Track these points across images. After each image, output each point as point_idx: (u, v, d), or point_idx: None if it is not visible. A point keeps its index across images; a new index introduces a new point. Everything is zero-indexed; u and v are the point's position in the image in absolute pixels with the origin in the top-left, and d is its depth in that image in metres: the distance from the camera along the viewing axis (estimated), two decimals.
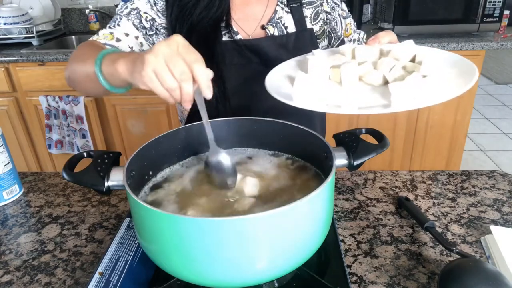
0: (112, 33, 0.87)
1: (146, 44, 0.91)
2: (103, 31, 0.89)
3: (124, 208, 0.85)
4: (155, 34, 0.91)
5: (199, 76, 0.55)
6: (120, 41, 0.87)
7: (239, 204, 0.62)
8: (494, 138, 3.24)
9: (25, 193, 0.93)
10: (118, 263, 0.64)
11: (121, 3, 0.93)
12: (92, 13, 2.56)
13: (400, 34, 2.09)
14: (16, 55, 2.04)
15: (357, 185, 0.90)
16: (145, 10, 0.90)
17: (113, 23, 0.90)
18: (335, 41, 1.07)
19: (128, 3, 0.91)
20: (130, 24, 0.89)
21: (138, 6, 0.90)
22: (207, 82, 0.56)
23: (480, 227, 0.75)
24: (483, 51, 1.94)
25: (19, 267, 0.70)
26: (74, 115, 2.11)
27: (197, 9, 0.87)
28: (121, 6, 0.92)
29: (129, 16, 0.89)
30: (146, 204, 0.51)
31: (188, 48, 0.56)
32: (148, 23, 0.90)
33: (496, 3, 1.98)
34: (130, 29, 0.89)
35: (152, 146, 0.68)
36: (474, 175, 0.92)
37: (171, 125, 2.15)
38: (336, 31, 1.05)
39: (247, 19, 0.95)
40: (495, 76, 4.64)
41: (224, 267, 0.51)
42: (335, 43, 1.07)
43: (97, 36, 0.88)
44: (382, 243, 0.71)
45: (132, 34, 0.89)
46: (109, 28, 0.89)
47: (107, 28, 0.89)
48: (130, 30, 0.89)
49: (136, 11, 0.90)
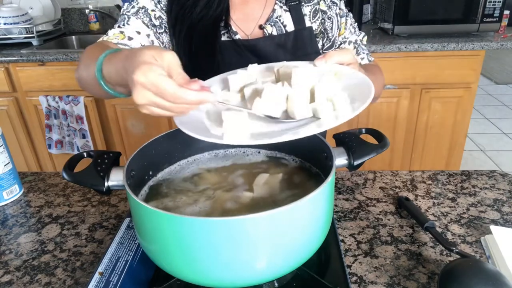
0: (123, 32, 0.86)
1: (156, 42, 0.90)
2: (113, 31, 0.86)
3: (124, 208, 0.85)
4: (165, 32, 0.90)
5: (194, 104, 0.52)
6: (132, 40, 0.85)
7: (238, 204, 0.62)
8: (494, 138, 3.24)
9: (25, 193, 0.93)
10: (118, 263, 0.64)
11: (126, 4, 0.92)
12: (92, 13, 2.56)
13: (400, 34, 2.09)
14: (16, 55, 2.04)
15: (357, 185, 0.90)
16: (152, 8, 0.89)
17: (122, 22, 0.88)
18: (327, 42, 1.03)
19: (134, 3, 0.90)
20: (140, 22, 0.87)
21: (145, 5, 0.89)
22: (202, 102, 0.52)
23: (480, 227, 0.75)
24: (483, 51, 1.94)
25: (19, 267, 0.70)
26: (74, 115, 2.11)
27: (197, 8, 0.87)
28: (126, 6, 0.91)
29: (137, 15, 0.88)
30: (146, 204, 0.51)
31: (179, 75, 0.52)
32: (157, 20, 0.89)
33: (496, 3, 1.98)
34: (140, 27, 0.87)
35: (152, 146, 0.68)
36: (474, 175, 0.92)
37: (171, 125, 2.15)
38: (328, 32, 1.02)
39: (246, 19, 0.95)
40: (495, 76, 4.64)
41: (224, 267, 0.51)
42: (326, 45, 1.04)
43: (107, 36, 0.85)
44: (382, 243, 0.71)
45: (143, 32, 0.87)
46: (118, 27, 0.87)
47: (116, 28, 0.87)
48: (141, 28, 0.87)
49: (144, 10, 0.88)
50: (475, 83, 2.00)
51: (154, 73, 0.49)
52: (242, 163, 0.74)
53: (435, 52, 1.94)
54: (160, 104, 0.51)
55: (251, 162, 0.74)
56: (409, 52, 1.94)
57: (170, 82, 0.50)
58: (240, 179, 0.69)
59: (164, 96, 0.50)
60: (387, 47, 1.92)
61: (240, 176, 0.70)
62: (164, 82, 0.49)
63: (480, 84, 4.31)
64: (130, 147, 2.24)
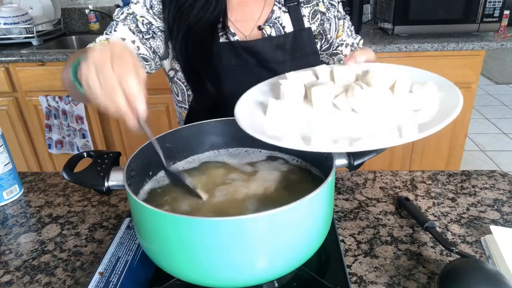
0: (108, 39, 0.88)
1: (143, 47, 0.91)
2: (100, 38, 0.90)
3: (124, 208, 0.85)
4: (152, 38, 0.91)
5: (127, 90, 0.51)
6: None
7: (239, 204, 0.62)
8: (494, 138, 3.24)
9: (25, 193, 0.93)
10: (118, 263, 0.64)
11: (117, 10, 0.94)
12: (92, 13, 2.56)
13: (400, 34, 2.09)
14: (16, 55, 2.04)
15: (357, 185, 0.90)
16: (141, 14, 0.90)
17: (110, 29, 0.91)
18: (325, 43, 1.04)
19: (125, 9, 0.92)
20: (126, 29, 0.89)
21: (135, 11, 0.90)
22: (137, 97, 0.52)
23: (480, 227, 0.75)
24: (483, 51, 1.94)
25: (19, 267, 0.70)
26: (74, 115, 2.11)
27: (194, 10, 0.87)
28: (117, 12, 0.93)
29: (125, 21, 0.90)
30: (146, 204, 0.51)
31: (120, 59, 0.52)
32: (144, 26, 0.90)
33: (496, 3, 1.98)
34: (126, 34, 0.89)
35: (152, 146, 0.68)
36: (474, 175, 0.92)
37: (171, 125, 2.15)
38: (326, 33, 1.02)
39: (244, 20, 0.95)
40: (495, 76, 4.64)
41: (224, 267, 0.51)
42: (324, 46, 1.05)
43: (94, 43, 0.89)
44: (382, 243, 0.71)
45: (128, 38, 0.89)
46: (106, 34, 0.90)
47: (104, 35, 0.90)
48: (126, 35, 0.89)
49: (132, 16, 0.90)
50: (475, 83, 2.00)
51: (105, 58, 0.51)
52: (244, 162, 0.74)
53: (435, 52, 1.94)
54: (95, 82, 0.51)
55: (252, 161, 0.74)
56: (409, 52, 1.94)
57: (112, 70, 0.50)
58: (242, 177, 0.69)
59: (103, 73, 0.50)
60: (387, 47, 1.92)
61: (242, 175, 0.70)
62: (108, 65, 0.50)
63: (480, 84, 4.31)
64: (130, 147, 2.24)
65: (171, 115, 2.13)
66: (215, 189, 0.66)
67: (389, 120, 0.59)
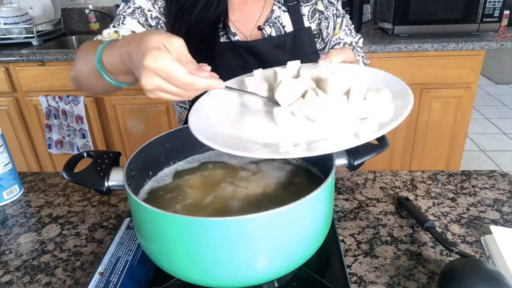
0: (117, 32, 0.86)
1: None
2: (107, 30, 0.87)
3: (124, 208, 0.85)
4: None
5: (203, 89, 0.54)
6: None
7: (239, 203, 0.62)
8: (494, 138, 3.24)
9: (25, 193, 0.93)
10: (118, 263, 0.64)
11: (122, 4, 0.92)
12: (92, 13, 2.56)
13: (400, 34, 2.09)
14: (16, 55, 2.04)
15: (357, 185, 0.90)
16: (148, 8, 0.89)
17: (117, 22, 0.88)
18: (321, 43, 1.03)
19: (130, 3, 0.90)
20: (135, 22, 0.88)
21: (141, 5, 0.89)
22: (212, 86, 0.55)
23: (480, 227, 0.75)
24: (483, 51, 1.94)
25: (19, 267, 0.70)
26: (74, 115, 2.11)
27: (196, 9, 0.87)
28: (123, 6, 0.91)
29: (133, 15, 0.88)
30: (146, 204, 0.51)
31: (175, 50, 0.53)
32: (153, 20, 0.89)
33: (496, 3, 1.98)
34: (135, 27, 0.87)
35: (152, 146, 0.68)
36: (474, 175, 0.92)
37: (171, 125, 2.15)
38: (322, 31, 1.01)
39: (245, 20, 0.95)
40: (495, 76, 4.64)
41: (224, 267, 0.51)
42: (320, 45, 1.03)
43: (101, 36, 0.86)
44: (382, 243, 0.71)
45: (138, 31, 0.87)
46: (113, 27, 0.87)
47: (111, 28, 0.87)
48: (136, 28, 0.87)
49: (140, 10, 0.89)
50: (475, 83, 2.00)
51: (165, 59, 0.50)
52: (243, 162, 0.74)
53: (435, 52, 1.94)
54: (168, 89, 0.52)
55: (252, 161, 0.74)
56: (409, 52, 1.94)
57: (181, 69, 0.51)
58: (242, 177, 0.69)
59: (174, 83, 0.51)
60: (387, 47, 1.93)
61: (242, 175, 0.70)
62: (175, 69, 0.50)
63: (480, 84, 4.31)
64: (130, 147, 2.24)
65: (171, 115, 2.13)
66: (215, 189, 0.66)
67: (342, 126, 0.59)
